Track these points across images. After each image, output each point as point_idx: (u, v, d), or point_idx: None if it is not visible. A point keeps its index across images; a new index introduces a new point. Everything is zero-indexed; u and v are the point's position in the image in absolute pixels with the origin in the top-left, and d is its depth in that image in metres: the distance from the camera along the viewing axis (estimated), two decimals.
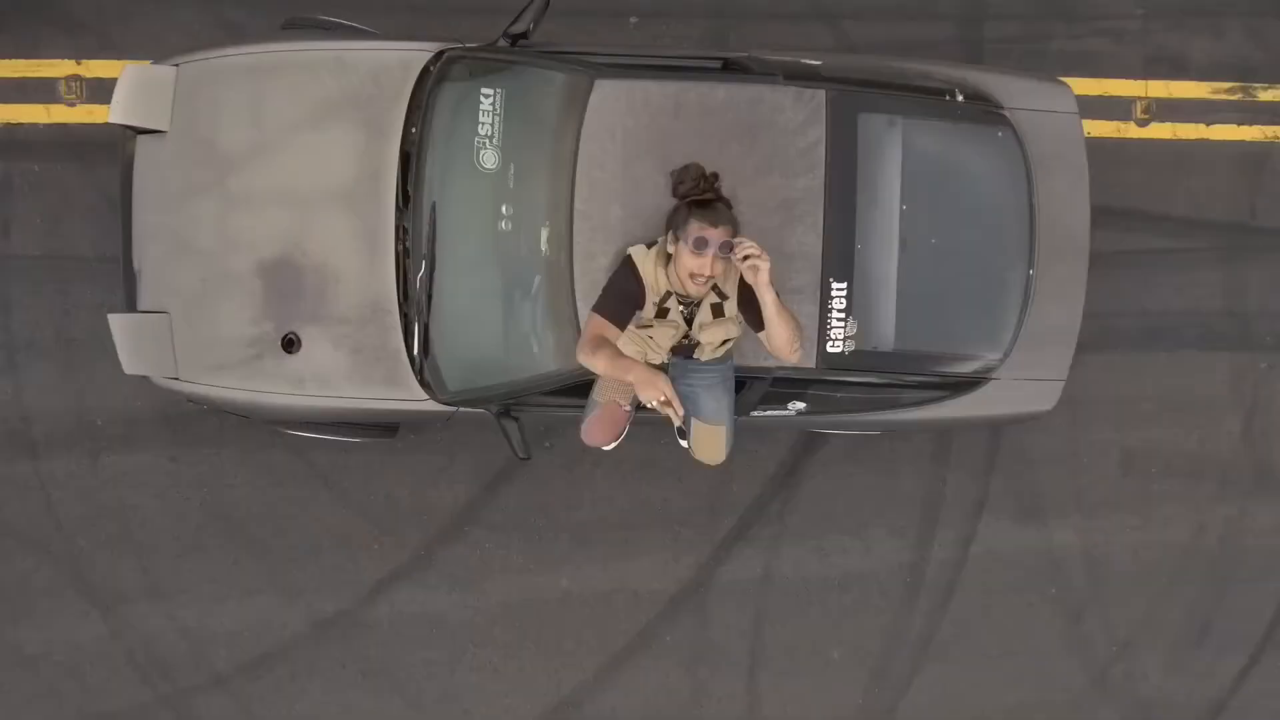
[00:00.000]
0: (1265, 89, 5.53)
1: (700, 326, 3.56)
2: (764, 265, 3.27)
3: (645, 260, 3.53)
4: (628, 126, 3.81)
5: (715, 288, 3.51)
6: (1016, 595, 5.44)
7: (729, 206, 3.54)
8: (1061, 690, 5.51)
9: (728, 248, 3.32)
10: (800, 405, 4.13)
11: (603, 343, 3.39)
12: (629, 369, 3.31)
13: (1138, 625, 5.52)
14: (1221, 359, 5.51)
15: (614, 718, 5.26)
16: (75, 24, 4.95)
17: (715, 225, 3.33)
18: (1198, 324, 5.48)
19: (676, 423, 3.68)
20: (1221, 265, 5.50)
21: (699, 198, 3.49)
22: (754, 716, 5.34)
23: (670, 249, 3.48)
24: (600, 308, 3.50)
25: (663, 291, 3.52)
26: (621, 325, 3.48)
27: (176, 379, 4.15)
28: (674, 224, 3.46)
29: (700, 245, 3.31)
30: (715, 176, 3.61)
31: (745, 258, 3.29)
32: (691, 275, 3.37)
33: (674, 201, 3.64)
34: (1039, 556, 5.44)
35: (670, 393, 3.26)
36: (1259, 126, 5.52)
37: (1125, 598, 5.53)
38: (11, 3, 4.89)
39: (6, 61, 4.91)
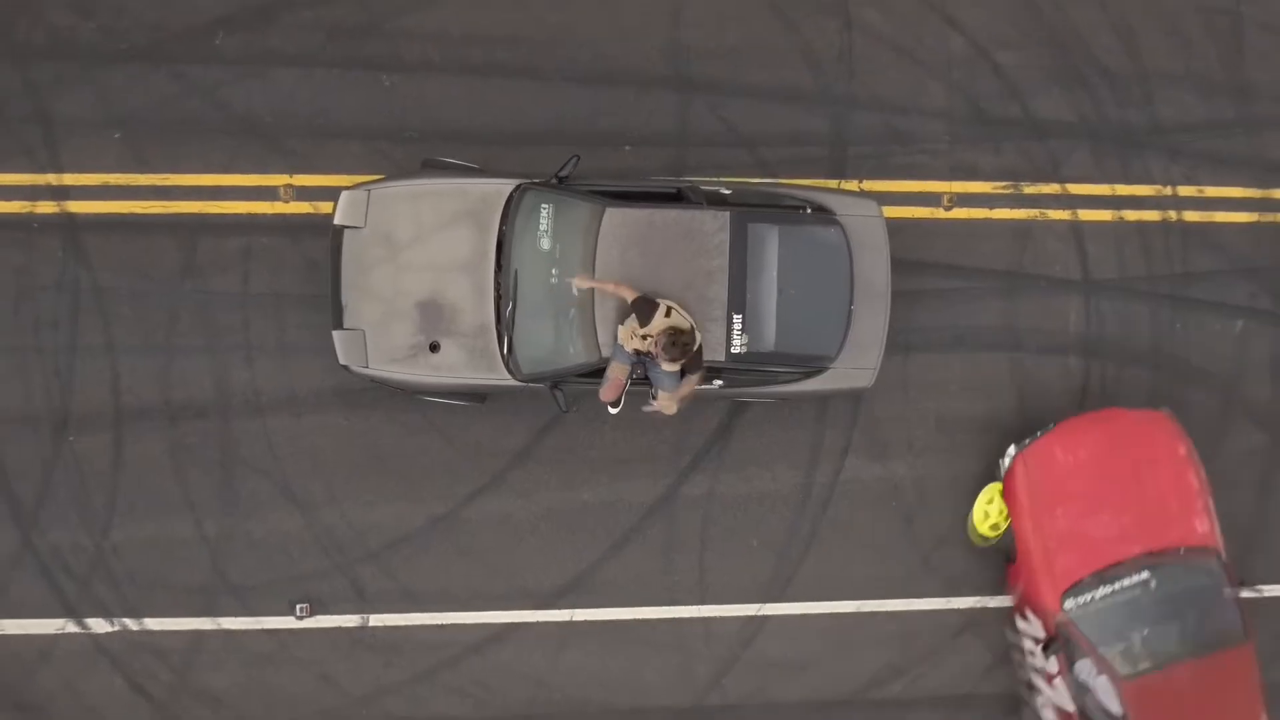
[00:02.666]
0: (1029, 186, 8.70)
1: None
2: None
3: (625, 335, 6.73)
4: (623, 232, 7.00)
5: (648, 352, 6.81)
6: (870, 507, 8.58)
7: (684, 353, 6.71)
8: (900, 568, 8.66)
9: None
10: (719, 382, 7.32)
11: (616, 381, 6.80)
12: (618, 383, 6.71)
13: (947, 527, 8.67)
14: (1001, 357, 8.66)
15: (615, 581, 8.40)
16: (287, 150, 8.09)
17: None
18: (984, 335, 8.63)
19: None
20: (1001, 297, 8.67)
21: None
22: (704, 582, 8.48)
23: (636, 331, 6.68)
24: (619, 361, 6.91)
25: (634, 346, 6.72)
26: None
27: (367, 368, 7.31)
28: (642, 323, 6.65)
29: (644, 314, 6.71)
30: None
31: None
32: (639, 350, 6.67)
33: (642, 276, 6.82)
34: (884, 482, 8.59)
35: (616, 395, 6.74)
36: (1024, 209, 8.68)
37: (940, 509, 8.67)
38: (246, 136, 8.03)
39: (247, 175, 8.06)
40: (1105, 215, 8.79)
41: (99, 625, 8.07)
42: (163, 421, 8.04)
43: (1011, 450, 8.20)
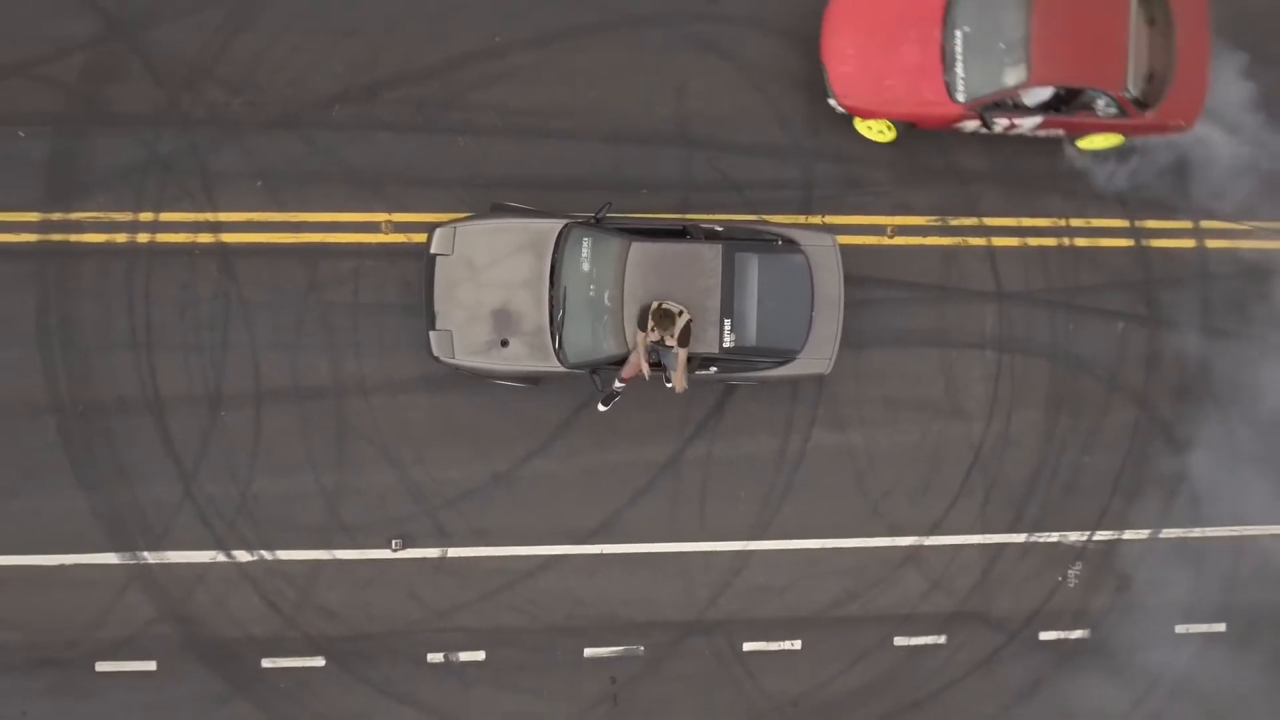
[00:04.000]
0: (954, 219, 11.25)
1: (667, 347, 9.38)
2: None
3: (640, 339, 9.32)
4: (644, 260, 9.57)
5: (663, 340, 9.31)
6: (831, 467, 11.12)
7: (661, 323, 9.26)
8: (854, 514, 11.20)
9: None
10: (714, 369, 9.89)
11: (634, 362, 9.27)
12: (635, 367, 9.17)
13: (875, 485, 11.21)
14: (932, 351, 11.21)
15: (635, 523, 10.94)
16: (387, 194, 10.64)
17: (644, 330, 9.22)
18: (919, 334, 11.18)
19: (649, 376, 9.47)
20: (932, 305, 11.22)
21: (649, 322, 9.26)
22: (703, 524, 11.02)
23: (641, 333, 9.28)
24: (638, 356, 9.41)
25: (652, 338, 9.31)
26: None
27: (454, 359, 9.87)
28: (643, 328, 9.26)
29: (662, 319, 9.17)
30: (654, 311, 9.30)
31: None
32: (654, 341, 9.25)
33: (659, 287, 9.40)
34: (842, 448, 11.13)
35: (646, 372, 9.14)
36: (950, 237, 11.24)
37: (888, 470, 11.21)
38: (355, 184, 10.57)
39: (356, 213, 10.61)
40: (1013, 241, 11.36)
41: (241, 556, 10.63)
42: (292, 400, 10.60)
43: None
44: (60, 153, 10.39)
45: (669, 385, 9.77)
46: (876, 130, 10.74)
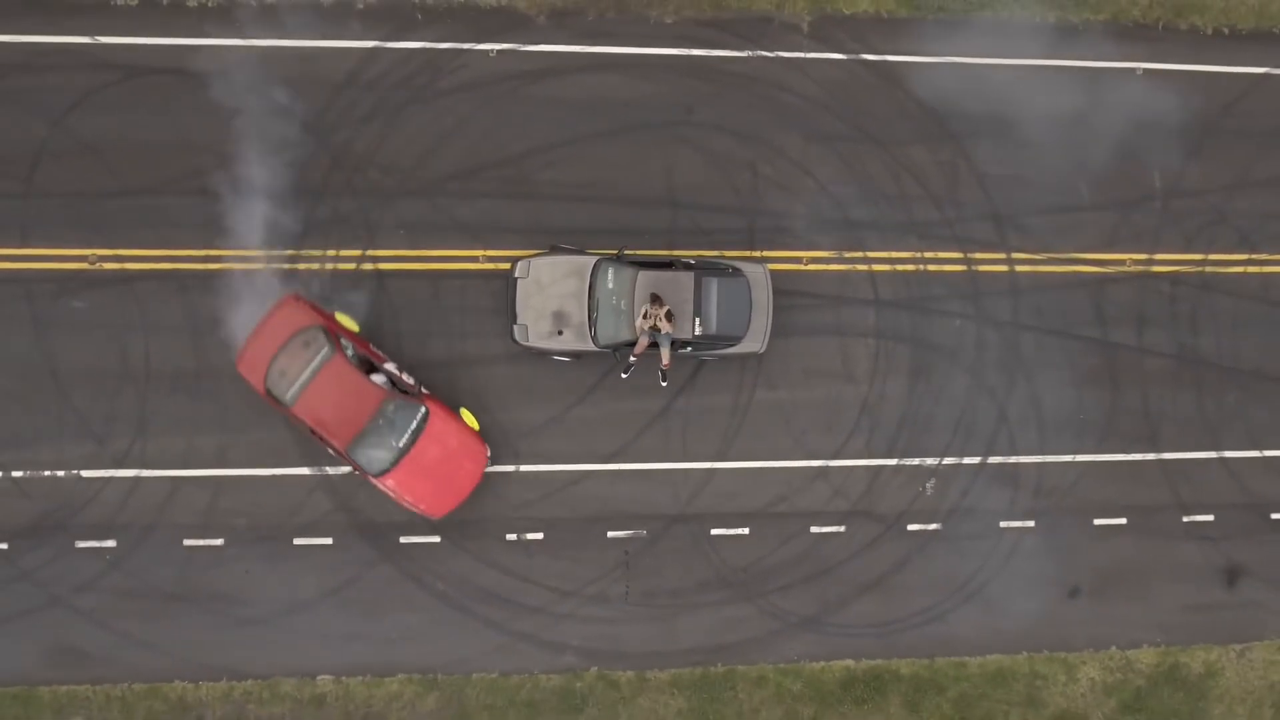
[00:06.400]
0: (849, 253, 17.28)
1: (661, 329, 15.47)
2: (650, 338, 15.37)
3: (640, 321, 15.41)
4: (647, 282, 15.69)
5: (655, 326, 15.39)
6: (767, 411, 17.11)
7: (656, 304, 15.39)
8: (786, 443, 17.21)
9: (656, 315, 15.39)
10: (689, 349, 16.03)
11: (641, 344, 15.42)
12: (642, 345, 15.31)
13: (797, 425, 17.24)
14: (833, 339, 17.21)
15: (639, 449, 16.90)
16: (482, 238, 16.66)
17: (662, 309, 15.31)
18: (824, 326, 17.15)
19: (659, 360, 15.59)
20: (833, 307, 17.28)
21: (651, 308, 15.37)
22: (685, 450, 16.98)
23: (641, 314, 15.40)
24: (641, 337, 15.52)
25: (648, 324, 15.41)
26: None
27: (529, 343, 15.96)
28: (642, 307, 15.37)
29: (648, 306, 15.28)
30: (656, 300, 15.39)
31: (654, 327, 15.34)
32: (652, 327, 15.37)
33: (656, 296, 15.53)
34: (773, 402, 17.11)
35: (641, 350, 15.28)
36: (845, 265, 17.25)
37: (805, 415, 17.20)
38: (463, 230, 16.61)
39: (461, 249, 16.63)
40: (886, 267, 17.39)
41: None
42: (423, 369, 16.59)
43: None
44: (275, 214, 16.39)
45: (662, 368, 15.83)
46: None
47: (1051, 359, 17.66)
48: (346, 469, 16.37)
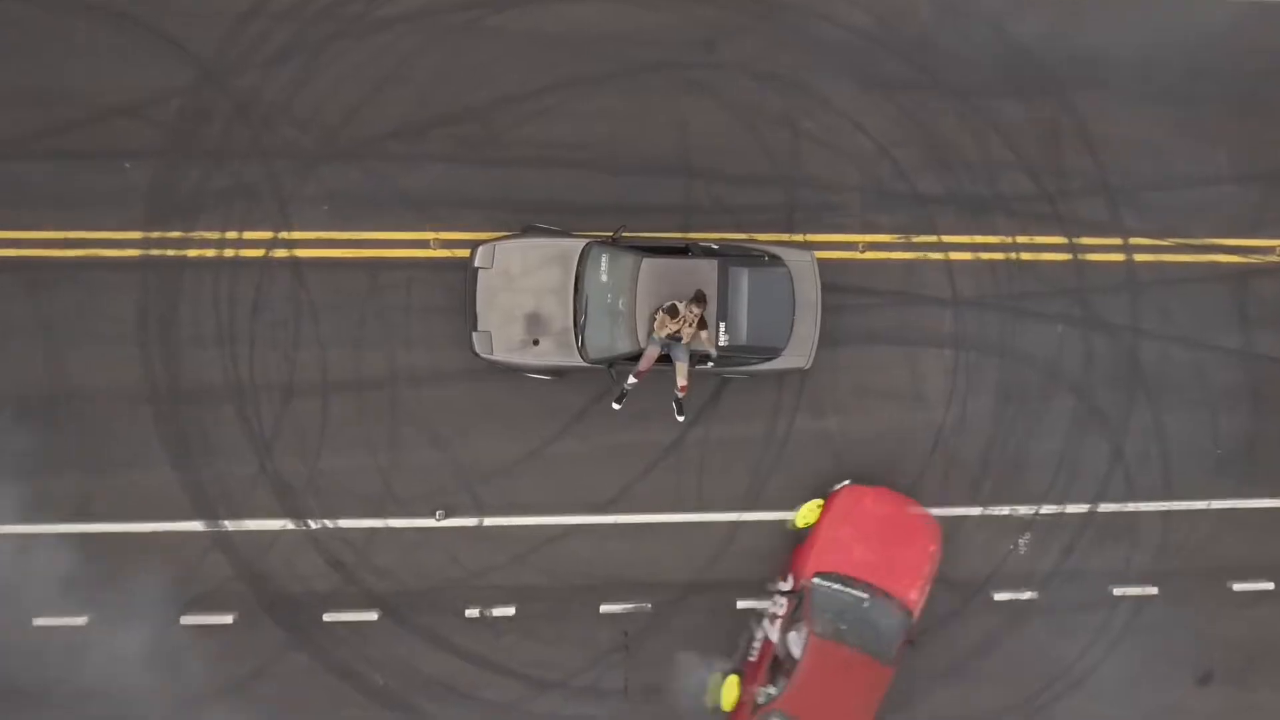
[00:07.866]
0: (917, 237, 13.16)
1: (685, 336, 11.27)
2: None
3: (658, 326, 11.19)
4: (654, 273, 11.49)
5: (676, 334, 11.18)
6: (812, 444, 12.97)
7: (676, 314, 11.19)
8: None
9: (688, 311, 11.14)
10: (711, 363, 11.80)
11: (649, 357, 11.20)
12: (650, 359, 11.09)
13: (850, 463, 13.08)
14: (898, 349, 13.09)
15: (642, 496, 12.77)
16: (434, 216, 12.54)
17: (673, 318, 11.08)
18: (887, 334, 13.06)
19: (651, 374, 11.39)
20: (897, 309, 13.12)
21: (672, 313, 11.19)
22: (701, 497, 12.86)
23: (666, 322, 11.15)
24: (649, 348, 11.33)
25: (665, 332, 11.19)
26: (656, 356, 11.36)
27: (493, 355, 11.76)
28: (672, 317, 11.13)
29: (672, 313, 11.03)
30: (674, 309, 11.18)
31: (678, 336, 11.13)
32: (669, 335, 11.17)
33: (666, 298, 11.32)
34: (818, 433, 13.00)
35: (647, 368, 11.13)
36: (912, 252, 13.14)
37: (861, 450, 13.07)
38: (407, 207, 12.47)
39: (409, 232, 12.50)
40: (967, 255, 13.27)
41: (309, 524, 12.48)
42: (354, 389, 12.47)
43: (846, 482, 12.57)
44: (159, 182, 12.29)
45: (677, 393, 11.70)
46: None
47: (1180, 376, 13.54)
48: (249, 523, 12.26)
